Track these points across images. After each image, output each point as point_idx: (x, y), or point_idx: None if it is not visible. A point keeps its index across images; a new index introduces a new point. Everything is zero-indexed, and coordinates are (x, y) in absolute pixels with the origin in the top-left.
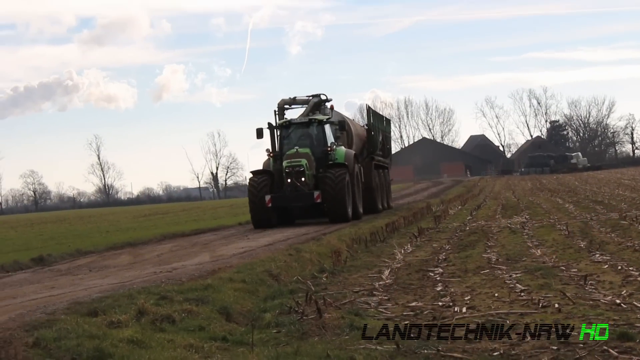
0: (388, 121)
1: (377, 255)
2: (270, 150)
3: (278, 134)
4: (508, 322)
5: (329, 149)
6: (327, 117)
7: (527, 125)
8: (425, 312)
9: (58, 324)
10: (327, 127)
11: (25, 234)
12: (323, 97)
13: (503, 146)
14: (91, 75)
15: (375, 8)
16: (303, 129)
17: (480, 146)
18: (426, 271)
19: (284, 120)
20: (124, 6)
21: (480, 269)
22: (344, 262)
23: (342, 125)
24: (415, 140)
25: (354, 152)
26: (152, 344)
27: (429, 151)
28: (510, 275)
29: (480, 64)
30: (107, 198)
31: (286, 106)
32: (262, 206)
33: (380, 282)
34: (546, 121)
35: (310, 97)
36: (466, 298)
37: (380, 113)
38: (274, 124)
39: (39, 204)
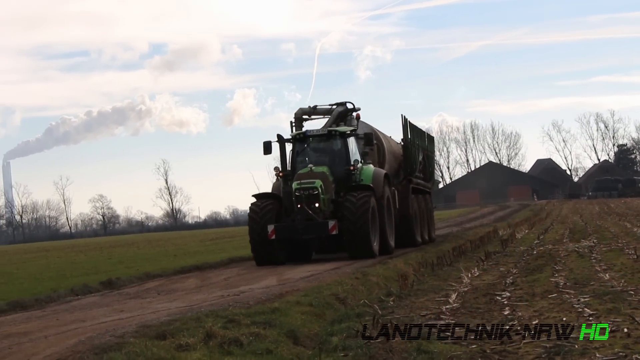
0: (431, 139)
1: (444, 279)
2: (280, 169)
3: (291, 149)
4: (577, 346)
5: (352, 167)
6: (352, 128)
7: (595, 149)
8: (492, 337)
9: (127, 347)
10: (351, 141)
11: (94, 257)
12: (349, 106)
13: (570, 170)
14: (163, 100)
15: (443, 32)
16: (321, 143)
17: (547, 170)
18: (493, 295)
19: (298, 132)
20: (195, 33)
21: (547, 293)
22: (411, 285)
23: (369, 139)
24: (482, 164)
25: (384, 172)
26: None
27: (496, 175)
28: (579, 300)
29: (548, 88)
30: (174, 222)
31: (305, 116)
32: (264, 239)
33: (447, 306)
34: (614, 145)
35: (334, 106)
36: (534, 322)
37: (427, 132)
38: (288, 137)
39: (107, 228)
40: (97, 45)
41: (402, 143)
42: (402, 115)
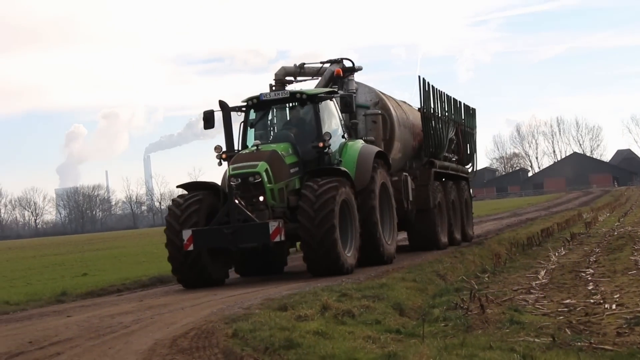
0: (470, 110)
1: (533, 258)
2: (224, 149)
3: (242, 120)
4: None
5: (321, 144)
6: (328, 90)
7: None
8: (578, 309)
9: (253, 317)
10: (325, 108)
11: None
12: (347, 64)
13: None
14: None
15: (535, 36)
16: (285, 112)
17: (626, 159)
18: (578, 272)
19: (250, 97)
20: (318, 40)
21: (628, 270)
22: (504, 263)
23: (346, 103)
24: (567, 155)
25: (377, 149)
26: (334, 335)
27: (580, 164)
28: None
29: (628, 85)
30: None
31: (289, 77)
32: (182, 249)
33: (537, 282)
34: None
35: (327, 65)
36: (615, 296)
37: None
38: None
39: None
40: (231, 52)
41: (421, 113)
42: (419, 76)
